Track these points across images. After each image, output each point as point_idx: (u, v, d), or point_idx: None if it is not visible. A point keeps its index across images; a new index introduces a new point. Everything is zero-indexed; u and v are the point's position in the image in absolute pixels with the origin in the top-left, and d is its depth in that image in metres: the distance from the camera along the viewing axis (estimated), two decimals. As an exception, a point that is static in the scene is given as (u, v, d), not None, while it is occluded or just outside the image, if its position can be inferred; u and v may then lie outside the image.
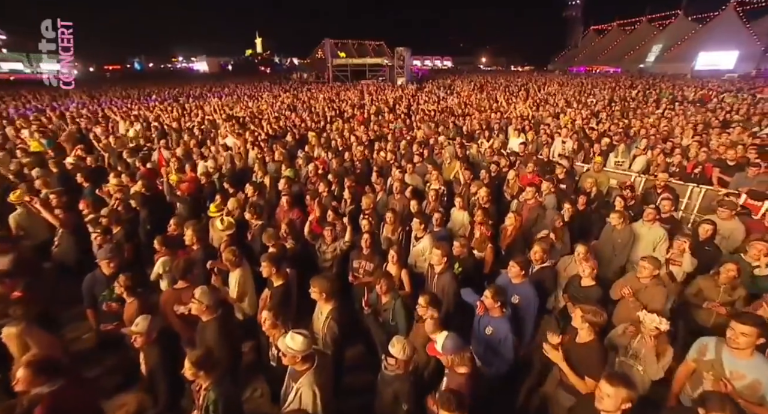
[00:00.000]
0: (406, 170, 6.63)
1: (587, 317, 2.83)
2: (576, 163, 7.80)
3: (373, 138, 9.51)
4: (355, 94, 21.33)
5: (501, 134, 9.96)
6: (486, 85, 26.73)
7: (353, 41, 70.33)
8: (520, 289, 3.64)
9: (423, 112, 13.28)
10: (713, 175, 6.93)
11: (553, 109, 13.15)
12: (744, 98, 16.11)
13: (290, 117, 13.03)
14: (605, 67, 57.73)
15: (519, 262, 3.58)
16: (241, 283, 3.79)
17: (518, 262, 3.59)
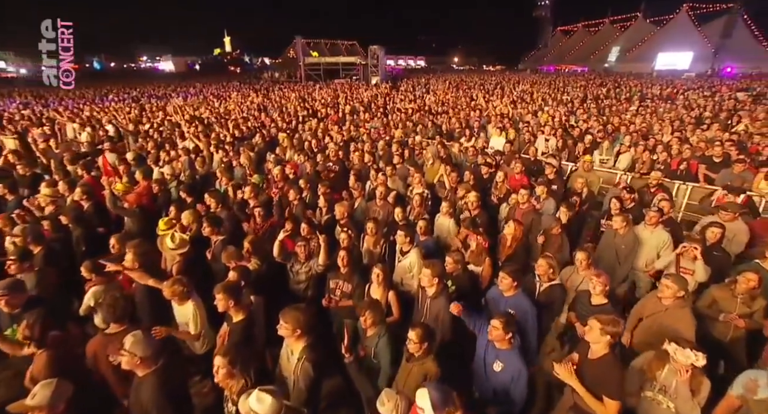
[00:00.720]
0: (387, 173, 6.06)
1: (608, 329, 2.45)
2: (561, 162, 7.51)
3: (348, 139, 8.87)
4: (328, 93, 20.57)
5: (482, 133, 9.54)
6: (461, 83, 26.57)
7: (326, 41, 69.28)
8: (513, 302, 3.16)
9: (399, 111, 12.74)
10: (699, 172, 6.76)
11: (531, 106, 12.93)
12: (707, 96, 16.57)
13: (260, 117, 12.17)
14: (573, 66, 59.35)
15: (510, 273, 3.15)
16: (194, 319, 3.10)
17: (509, 272, 3.16)
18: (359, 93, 19.99)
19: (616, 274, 4.29)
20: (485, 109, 13.39)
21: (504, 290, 3.21)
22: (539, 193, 5.15)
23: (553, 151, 8.23)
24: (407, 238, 3.94)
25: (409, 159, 7.09)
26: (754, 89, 18.85)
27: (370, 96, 18.21)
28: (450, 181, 5.66)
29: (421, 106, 14.43)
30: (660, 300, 3.19)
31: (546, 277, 3.41)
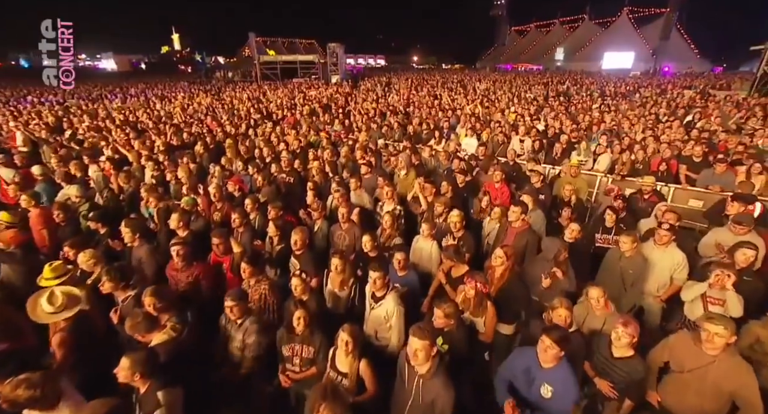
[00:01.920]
0: (351, 186, 5.13)
1: None
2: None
3: (305, 144, 7.82)
4: (285, 93, 19.20)
5: (452, 134, 8.84)
6: (424, 82, 26.05)
7: (283, 39, 66.64)
8: (554, 376, 2.33)
9: (361, 112, 11.79)
10: (680, 173, 6.42)
11: (498, 105, 12.46)
12: (658, 93, 17.05)
13: (206, 121, 10.75)
14: (529, 64, 61.16)
15: (558, 341, 2.24)
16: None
17: (557, 340, 2.24)
18: (318, 92, 18.80)
19: (621, 302, 3.65)
20: (452, 108, 12.77)
21: (545, 361, 2.35)
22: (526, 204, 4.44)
23: (529, 152, 7.67)
24: (382, 280, 3.04)
25: (377, 167, 6.20)
26: (697, 87, 19.79)
27: (330, 95, 17.10)
28: (426, 196, 4.82)
29: (384, 106, 13.57)
30: (701, 349, 2.52)
31: (567, 325, 2.65)
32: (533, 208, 4.42)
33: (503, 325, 3.19)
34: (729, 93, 14.67)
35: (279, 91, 19.64)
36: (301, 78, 30.80)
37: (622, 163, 6.74)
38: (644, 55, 53.67)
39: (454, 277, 3.54)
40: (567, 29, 66.19)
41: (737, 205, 4.27)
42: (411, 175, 5.78)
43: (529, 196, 4.40)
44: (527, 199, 4.40)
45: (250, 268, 3.22)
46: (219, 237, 3.61)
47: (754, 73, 27.74)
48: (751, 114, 10.47)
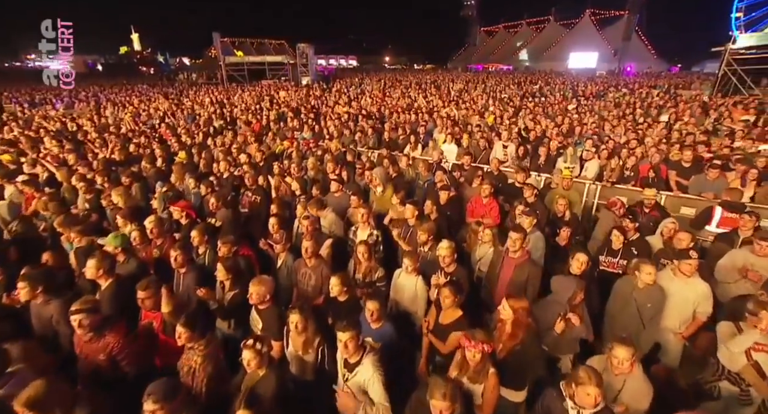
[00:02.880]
0: (315, 206, 4.40)
1: None
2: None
3: (269, 155, 7.00)
4: (252, 96, 18.09)
5: (430, 140, 8.24)
6: (396, 83, 25.49)
7: (252, 39, 64.19)
8: None
9: (332, 117, 11.03)
10: (670, 179, 6.09)
11: (474, 106, 12.02)
12: (625, 93, 17.21)
13: (160, 130, 9.67)
14: (499, 65, 62.02)
15: None
16: None
17: None
18: (287, 95, 17.81)
19: (639, 340, 3.13)
20: (428, 110, 12.22)
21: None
22: (525, 226, 3.87)
23: (513, 159, 7.19)
24: (354, 342, 2.35)
25: (350, 183, 5.49)
26: (663, 87, 20.25)
27: (300, 98, 16.19)
28: (406, 218, 4.15)
29: (357, 109, 12.85)
30: None
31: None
32: (531, 229, 3.85)
33: (511, 391, 2.57)
34: (695, 92, 14.95)
35: (246, 94, 18.49)
36: (270, 80, 29.53)
37: (610, 170, 6.35)
38: (607, 55, 55.56)
39: (443, 324, 2.90)
40: (534, 30, 67.65)
41: (748, 220, 3.86)
42: (389, 191, 5.10)
43: (528, 218, 3.82)
44: (526, 221, 3.82)
45: (186, 332, 2.44)
46: (146, 289, 2.80)
47: (707, 73, 28.96)
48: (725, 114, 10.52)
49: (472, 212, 4.98)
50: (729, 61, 14.76)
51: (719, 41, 16.30)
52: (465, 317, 2.80)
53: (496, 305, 3.44)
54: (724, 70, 14.88)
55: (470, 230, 4.26)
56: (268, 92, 19.31)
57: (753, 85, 14.61)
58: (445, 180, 5.23)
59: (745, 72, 14.69)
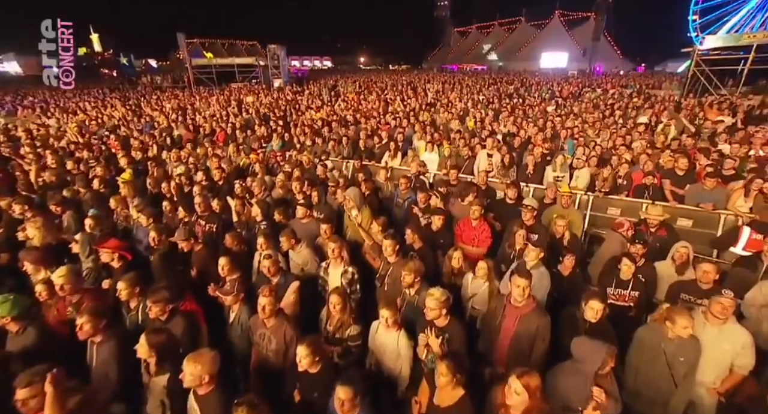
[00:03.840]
0: (282, 242, 3.68)
1: None
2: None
3: (231, 171, 6.19)
4: (220, 100, 16.98)
5: (410, 149, 7.64)
6: (371, 84, 24.83)
7: (222, 40, 61.84)
8: None
9: (304, 124, 10.26)
10: (665, 188, 5.71)
11: (453, 110, 11.52)
12: (600, 94, 17.23)
13: (110, 142, 8.62)
14: (473, 65, 62.41)
15: None
16: None
17: None
18: (257, 99, 16.81)
19: (671, 401, 2.62)
20: (405, 114, 11.63)
21: None
22: (530, 261, 3.29)
23: (498, 168, 6.68)
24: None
25: (319, 204, 4.78)
26: (634, 87, 20.53)
27: (270, 103, 15.26)
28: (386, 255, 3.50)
29: (330, 113, 12.11)
30: None
31: None
32: (535, 264, 3.28)
33: None
34: (669, 93, 15.09)
35: (213, 99, 17.33)
36: (241, 82, 28.22)
37: (603, 180, 5.93)
38: (576, 55, 56.88)
39: (441, 406, 2.26)
40: (505, 31, 68.49)
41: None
42: (365, 214, 4.44)
43: (534, 250, 3.25)
44: (531, 253, 3.24)
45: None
46: (28, 385, 2.01)
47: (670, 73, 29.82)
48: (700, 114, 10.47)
49: (460, 236, 4.40)
50: (698, 62, 14.97)
51: (679, 42, 16.63)
52: (469, 397, 2.17)
53: (497, 361, 2.87)
54: (693, 70, 15.08)
55: (447, 257, 3.65)
56: (237, 96, 18.20)
57: (720, 85, 14.86)
58: (435, 201, 4.60)
59: (712, 72, 14.92)
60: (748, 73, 13.69)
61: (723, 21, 41.65)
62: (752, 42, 13.49)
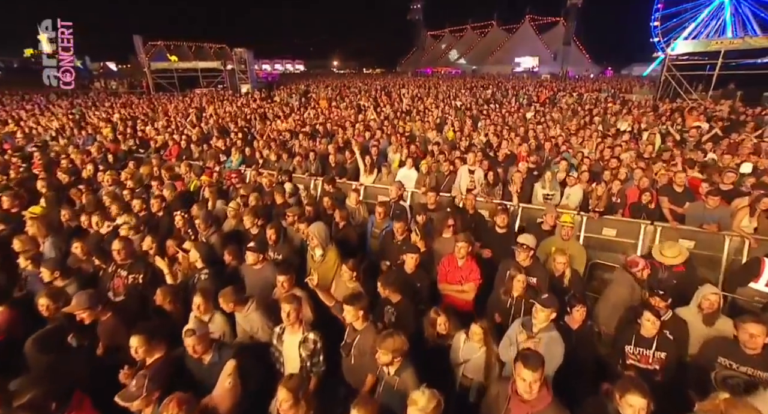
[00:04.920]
0: (226, 303, 2.90)
1: None
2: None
3: (175, 197, 5.30)
4: (179, 108, 15.78)
5: (384, 166, 6.96)
6: (345, 89, 24.11)
7: (189, 43, 59.31)
8: None
9: (270, 137, 9.41)
10: (663, 207, 5.30)
11: (432, 118, 10.97)
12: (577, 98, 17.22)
13: (35, 161, 7.47)
14: (447, 68, 62.89)
15: None
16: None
17: None
18: (220, 107, 15.72)
19: None
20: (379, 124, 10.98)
21: None
22: (538, 324, 2.66)
23: (483, 186, 6.11)
24: None
25: (277, 244, 4.00)
26: (609, 91, 20.81)
27: (233, 111, 14.25)
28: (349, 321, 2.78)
29: (299, 123, 11.29)
30: None
31: None
32: (546, 325, 2.66)
33: None
34: (645, 98, 15.23)
35: (171, 106, 16.07)
36: (205, 88, 26.80)
37: (596, 197, 5.48)
38: (548, 59, 58.46)
39: None
40: (478, 34, 69.59)
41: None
42: (331, 255, 3.72)
43: (545, 311, 2.61)
44: (541, 314, 2.61)
45: None
46: None
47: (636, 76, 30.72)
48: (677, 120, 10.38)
49: (444, 276, 3.75)
50: (669, 67, 15.20)
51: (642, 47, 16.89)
52: None
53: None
54: (665, 75, 15.29)
55: (427, 320, 3.00)
56: (199, 103, 17.00)
57: (692, 90, 15.12)
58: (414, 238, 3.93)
59: (683, 77, 15.17)
60: (717, 78, 13.96)
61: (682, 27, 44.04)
62: (720, 48, 13.80)
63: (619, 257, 5.78)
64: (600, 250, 5.70)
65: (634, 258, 3.39)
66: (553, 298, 2.68)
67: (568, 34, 49.01)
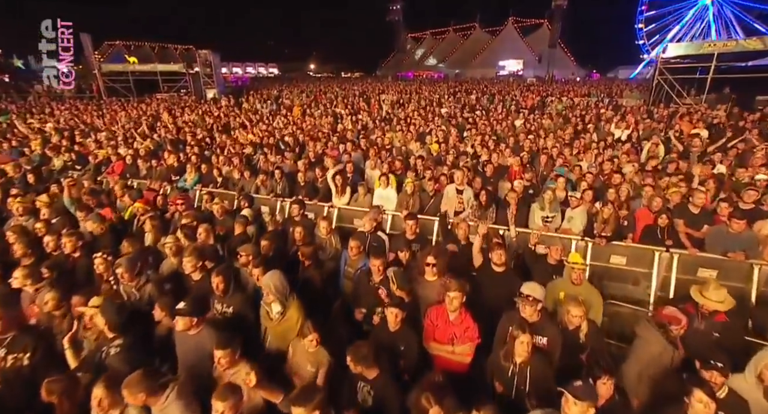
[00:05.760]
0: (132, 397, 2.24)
1: None
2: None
3: (103, 233, 4.55)
4: (132, 116, 14.85)
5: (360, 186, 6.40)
6: (320, 95, 23.58)
7: (152, 44, 57.25)
8: None
9: (231, 152, 8.71)
10: (679, 232, 4.92)
11: (414, 128, 10.51)
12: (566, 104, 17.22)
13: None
14: (430, 72, 63.41)
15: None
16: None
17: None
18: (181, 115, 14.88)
19: None
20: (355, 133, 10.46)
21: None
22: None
23: (473, 209, 5.62)
24: None
25: (226, 295, 3.33)
26: (598, 95, 21.04)
27: (192, 120, 13.46)
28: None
29: (267, 134, 10.64)
30: None
31: None
32: None
33: None
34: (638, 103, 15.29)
35: (121, 115, 15.06)
36: (166, 93, 25.75)
37: (603, 221, 5.06)
38: (532, 62, 59.77)
39: None
40: (460, 37, 70.69)
41: None
42: (292, 312, 3.08)
43: (582, 404, 2.06)
44: (574, 409, 2.06)
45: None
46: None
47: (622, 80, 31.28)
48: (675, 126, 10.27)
49: (432, 333, 3.19)
50: (661, 70, 15.36)
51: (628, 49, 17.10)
52: None
53: None
54: (657, 79, 15.44)
55: (415, 407, 2.41)
56: (156, 111, 16.06)
57: (686, 94, 15.31)
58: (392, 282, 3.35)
59: (675, 81, 15.34)
60: (711, 82, 14.13)
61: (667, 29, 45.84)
62: (714, 50, 14.00)
63: (629, 287, 5.45)
64: (608, 280, 5.30)
65: (673, 313, 2.86)
66: (591, 388, 2.15)
67: (554, 36, 50.25)
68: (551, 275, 3.89)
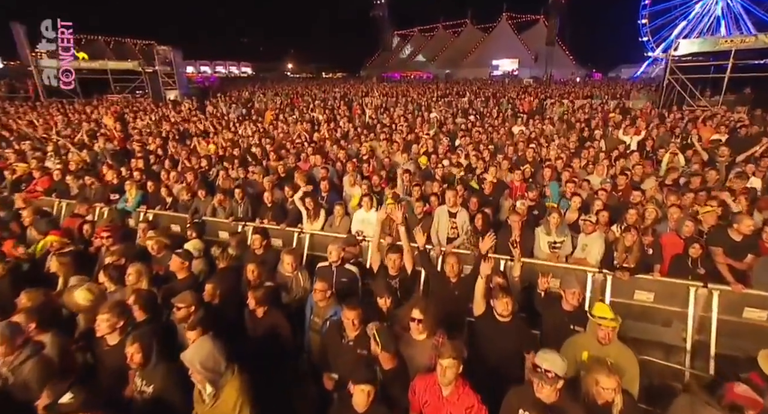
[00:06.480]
0: None
1: None
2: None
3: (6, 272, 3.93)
4: (71, 123, 14.08)
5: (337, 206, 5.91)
6: (297, 98, 23.14)
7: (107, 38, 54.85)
8: None
9: (186, 166, 8.11)
10: (717, 263, 4.54)
11: (401, 136, 10.09)
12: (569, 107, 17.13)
13: None
14: (418, 72, 63.74)
15: None
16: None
17: None
18: (134, 122, 14.18)
19: None
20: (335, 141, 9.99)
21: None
22: None
23: (468, 235, 5.17)
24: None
25: (146, 367, 2.77)
26: (602, 97, 21.12)
27: (145, 127, 12.81)
28: None
29: (229, 143, 10.09)
30: None
31: None
32: None
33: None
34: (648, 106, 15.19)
35: (56, 120, 14.10)
36: (119, 94, 24.94)
37: (624, 250, 4.65)
38: (528, 61, 60.64)
39: None
40: (451, 34, 71.53)
41: None
42: (229, 393, 2.53)
43: None
44: None
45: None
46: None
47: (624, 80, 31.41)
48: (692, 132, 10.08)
49: (419, 410, 2.68)
50: (672, 69, 15.36)
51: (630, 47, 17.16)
52: None
53: None
54: (668, 79, 15.44)
55: None
56: (99, 116, 15.29)
57: (700, 95, 15.31)
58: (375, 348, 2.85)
59: (688, 81, 15.32)
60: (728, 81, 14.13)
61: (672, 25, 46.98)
62: (731, 47, 13.99)
63: (660, 329, 5.04)
64: (633, 319, 4.88)
65: (747, 393, 2.33)
66: None
67: (551, 33, 50.96)
68: (568, 325, 3.43)
